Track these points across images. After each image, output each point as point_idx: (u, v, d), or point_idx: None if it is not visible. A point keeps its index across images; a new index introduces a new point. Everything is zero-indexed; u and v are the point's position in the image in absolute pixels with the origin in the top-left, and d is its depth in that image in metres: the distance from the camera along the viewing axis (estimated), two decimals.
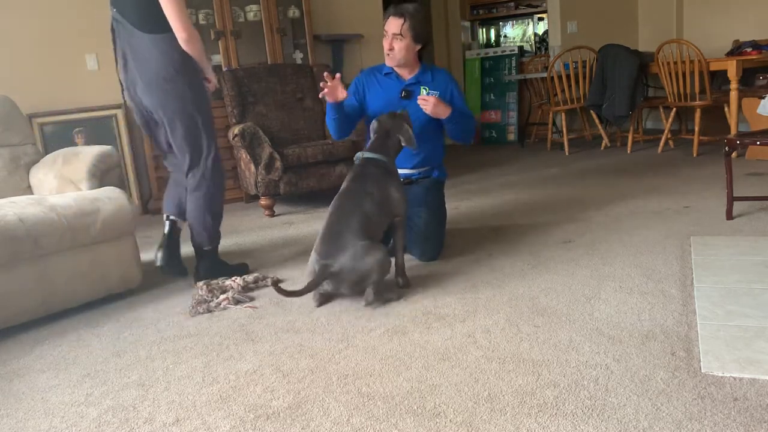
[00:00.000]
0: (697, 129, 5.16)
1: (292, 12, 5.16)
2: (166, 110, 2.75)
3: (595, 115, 6.08)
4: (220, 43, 4.85)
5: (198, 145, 2.79)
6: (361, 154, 2.68)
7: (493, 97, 7.44)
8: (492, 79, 7.47)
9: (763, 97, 3.99)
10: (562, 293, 2.41)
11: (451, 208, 3.77)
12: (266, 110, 4.64)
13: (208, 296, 2.65)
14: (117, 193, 2.80)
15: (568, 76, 5.90)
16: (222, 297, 2.63)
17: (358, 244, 2.39)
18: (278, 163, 4.16)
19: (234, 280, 2.79)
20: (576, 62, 5.93)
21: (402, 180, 2.80)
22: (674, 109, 5.33)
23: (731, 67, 4.91)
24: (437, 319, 2.26)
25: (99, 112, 4.71)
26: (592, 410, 1.60)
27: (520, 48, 8.07)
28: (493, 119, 7.43)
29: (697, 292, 2.28)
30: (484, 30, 9.36)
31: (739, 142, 3.24)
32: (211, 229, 2.90)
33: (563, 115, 5.98)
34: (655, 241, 2.95)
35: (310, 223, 4.00)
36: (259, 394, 1.84)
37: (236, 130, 4.22)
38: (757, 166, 4.44)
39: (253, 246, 3.56)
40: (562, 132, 6.01)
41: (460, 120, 2.95)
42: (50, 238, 2.51)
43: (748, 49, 5.24)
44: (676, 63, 5.12)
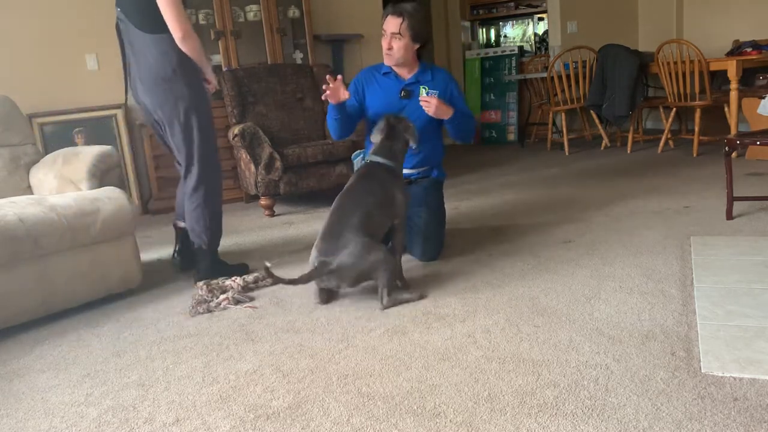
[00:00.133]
0: (697, 129, 5.16)
1: (292, 12, 5.16)
2: (164, 110, 2.76)
3: (595, 115, 6.08)
4: (220, 43, 4.85)
5: (196, 146, 2.79)
6: (360, 153, 2.67)
7: (493, 97, 7.44)
8: (492, 79, 7.47)
9: (763, 97, 3.99)
10: (562, 293, 2.41)
11: (451, 208, 3.77)
12: (266, 110, 4.64)
13: (208, 296, 2.65)
14: (117, 193, 2.80)
15: (568, 76, 5.90)
16: (222, 297, 2.63)
17: (357, 241, 2.38)
18: (278, 163, 4.16)
19: (234, 280, 2.79)
20: (576, 62, 5.93)
21: None
22: (674, 109, 5.33)
23: (731, 67, 4.90)
24: (437, 319, 2.26)
25: (99, 112, 4.71)
26: (592, 410, 1.60)
27: (520, 48, 8.07)
28: (493, 119, 7.43)
29: (697, 292, 2.28)
30: (484, 30, 9.36)
31: (739, 142, 3.24)
32: (211, 229, 2.89)
33: (563, 115, 5.97)
34: (655, 241, 2.95)
35: (310, 223, 4.00)
36: (259, 394, 1.84)
37: (236, 130, 4.22)
38: (757, 166, 4.44)
39: (253, 246, 3.56)
40: (562, 132, 6.01)
41: (460, 120, 2.95)
42: (50, 238, 2.51)
43: (748, 49, 5.24)
44: (676, 63, 5.12)
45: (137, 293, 2.85)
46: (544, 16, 8.29)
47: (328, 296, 2.51)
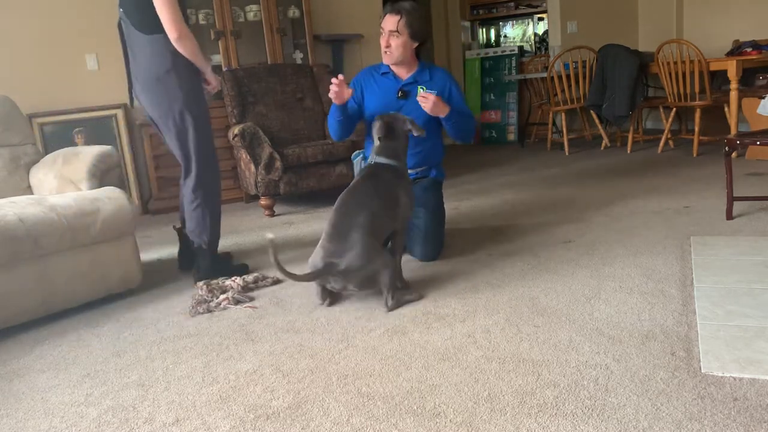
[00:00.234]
0: (697, 129, 5.16)
1: (292, 12, 5.16)
2: (159, 110, 2.78)
3: (595, 115, 6.08)
4: (220, 43, 4.85)
5: (192, 147, 2.80)
6: (360, 153, 2.66)
7: (493, 97, 7.44)
8: (492, 79, 7.47)
9: (763, 97, 3.99)
10: (562, 293, 2.41)
11: (451, 208, 3.77)
12: (266, 110, 4.64)
13: (208, 296, 2.65)
14: (117, 193, 2.80)
15: (568, 76, 5.90)
16: (222, 297, 2.63)
17: (364, 243, 2.37)
18: (278, 163, 4.16)
19: (234, 280, 2.79)
20: (576, 62, 5.93)
21: None
22: (674, 109, 5.33)
23: (731, 67, 4.90)
24: (437, 319, 2.26)
25: (99, 112, 4.71)
26: (592, 410, 1.60)
27: (520, 48, 8.07)
28: (493, 119, 7.43)
29: (697, 292, 2.28)
30: (484, 30, 9.36)
31: (739, 142, 3.24)
32: (210, 229, 2.90)
33: (563, 115, 5.97)
34: (655, 241, 2.95)
35: (310, 223, 4.00)
36: (259, 394, 1.84)
37: (236, 130, 4.22)
38: (757, 166, 4.44)
39: (253, 246, 3.56)
40: (562, 132, 6.01)
41: (457, 119, 2.94)
42: (50, 238, 2.51)
43: (748, 49, 5.24)
44: (676, 63, 5.12)
45: (137, 293, 2.85)
46: (544, 16, 8.29)
47: (330, 296, 2.50)
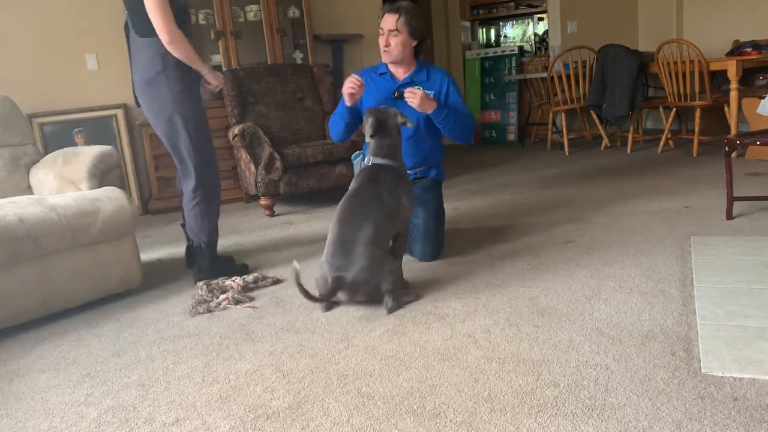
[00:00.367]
0: (697, 129, 5.16)
1: (292, 12, 5.16)
2: (150, 111, 2.82)
3: (595, 115, 6.07)
4: (220, 43, 4.85)
5: (185, 148, 2.81)
6: (360, 153, 2.66)
7: (493, 97, 7.44)
8: (492, 79, 7.47)
9: (763, 97, 3.99)
10: (562, 293, 2.41)
11: (451, 208, 3.77)
12: (266, 110, 4.64)
13: (208, 296, 2.65)
14: (117, 193, 2.80)
15: (568, 76, 5.90)
16: (222, 297, 2.63)
17: (370, 255, 2.35)
18: (278, 163, 4.16)
19: (234, 280, 2.79)
20: (576, 62, 5.93)
21: None
22: (674, 109, 5.33)
23: (731, 67, 4.90)
24: (437, 319, 2.26)
25: (99, 112, 4.71)
26: (592, 410, 1.60)
27: (520, 48, 8.07)
28: (493, 119, 7.43)
29: (697, 292, 2.28)
30: (484, 30, 9.36)
31: (739, 142, 3.24)
32: (208, 228, 2.91)
33: (563, 115, 5.97)
34: (655, 241, 2.95)
35: (310, 223, 4.00)
36: (259, 394, 1.84)
37: (236, 130, 4.22)
38: (757, 166, 4.44)
39: (253, 246, 3.56)
40: (562, 132, 6.01)
41: (450, 118, 2.90)
42: (50, 238, 2.51)
43: (748, 49, 5.24)
44: (676, 63, 5.12)
45: (137, 293, 2.85)
46: (544, 16, 8.30)
47: (333, 304, 2.48)
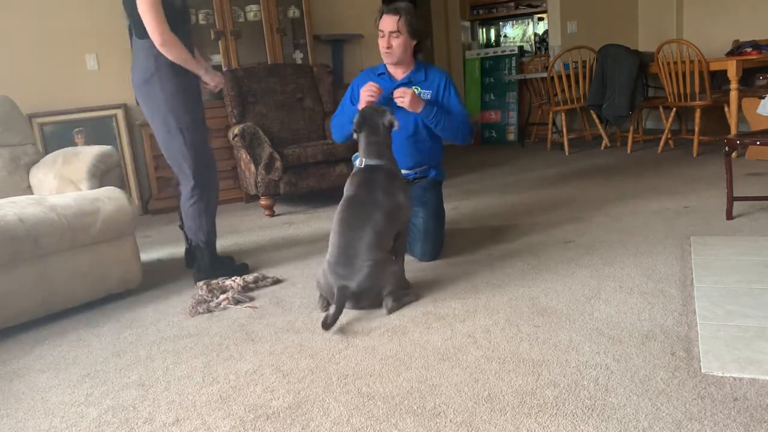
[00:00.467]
0: (697, 129, 5.16)
1: (292, 12, 5.16)
2: (146, 111, 2.85)
3: (595, 115, 6.07)
4: (220, 43, 4.85)
5: (180, 149, 2.82)
6: (358, 155, 2.64)
7: (493, 97, 7.44)
8: (492, 79, 7.47)
9: (763, 97, 3.99)
10: (562, 293, 2.41)
11: (451, 208, 3.77)
12: (266, 110, 4.64)
13: (208, 296, 2.66)
14: (117, 193, 2.80)
15: (568, 76, 5.90)
16: (222, 297, 2.63)
17: (373, 260, 2.35)
18: (278, 163, 4.16)
19: (234, 280, 2.79)
20: (576, 62, 5.93)
21: None
22: (674, 109, 5.33)
23: (731, 67, 4.90)
24: (437, 319, 2.26)
25: (99, 112, 4.71)
26: (592, 410, 1.60)
27: (520, 48, 8.07)
28: (493, 119, 7.43)
29: (697, 292, 2.28)
30: (484, 30, 9.36)
31: (739, 142, 3.24)
32: (206, 227, 2.92)
33: (563, 115, 5.97)
34: (655, 241, 2.95)
35: (310, 223, 4.00)
36: (259, 394, 1.84)
37: (236, 130, 4.22)
38: (757, 166, 4.44)
39: (253, 246, 3.55)
40: (562, 132, 6.01)
41: (442, 118, 2.89)
42: (50, 238, 2.51)
43: (748, 49, 5.24)
44: (676, 63, 5.12)
45: (137, 293, 2.85)
46: (544, 16, 8.29)
47: (329, 304, 2.48)
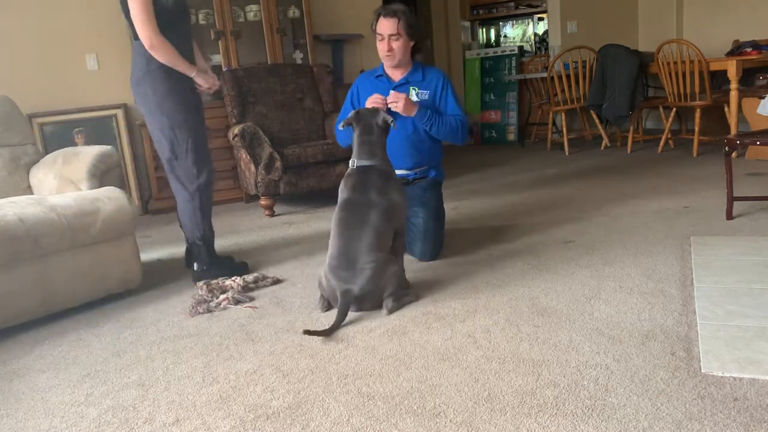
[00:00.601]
0: (697, 129, 5.16)
1: (292, 12, 5.16)
2: (142, 110, 2.87)
3: (595, 115, 6.07)
4: (220, 43, 4.85)
5: (170, 148, 2.83)
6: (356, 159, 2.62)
7: (493, 97, 7.44)
8: (492, 79, 7.47)
9: (763, 97, 4.00)
10: (562, 293, 2.41)
11: (451, 208, 3.77)
12: (266, 110, 4.64)
13: (208, 296, 2.66)
14: (117, 193, 2.80)
15: (568, 76, 5.90)
16: (222, 297, 2.63)
17: (375, 264, 2.35)
18: (278, 163, 4.16)
19: (234, 280, 2.79)
20: (576, 62, 5.93)
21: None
22: (674, 109, 5.33)
23: (731, 67, 4.90)
24: (437, 319, 2.26)
25: (99, 112, 4.71)
26: (592, 410, 1.60)
27: (520, 48, 8.07)
28: (493, 119, 7.43)
29: (697, 292, 2.28)
30: (484, 30, 9.36)
31: (739, 142, 3.24)
32: (201, 224, 2.92)
33: (563, 115, 5.97)
34: (655, 241, 2.95)
35: (310, 223, 4.00)
36: (259, 394, 1.84)
37: (236, 130, 4.22)
38: (757, 166, 4.44)
39: (253, 246, 3.56)
40: (562, 132, 6.01)
41: (436, 120, 2.89)
42: (50, 238, 2.51)
43: (748, 49, 5.24)
44: (676, 63, 5.12)
45: (137, 293, 2.85)
46: (544, 16, 8.29)
47: (329, 305, 2.48)
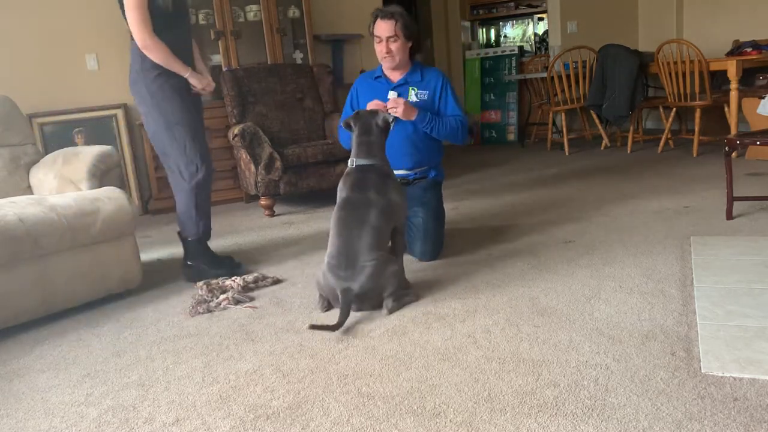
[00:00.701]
0: (697, 129, 5.15)
1: (292, 12, 5.16)
2: (139, 109, 2.89)
3: (595, 115, 6.07)
4: (220, 43, 4.85)
5: (166, 146, 2.84)
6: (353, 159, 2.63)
7: (493, 97, 7.44)
8: (492, 79, 7.47)
9: (763, 97, 3.99)
10: (562, 293, 2.41)
11: (451, 208, 3.77)
12: (266, 110, 4.64)
13: (208, 296, 2.66)
14: (117, 193, 2.80)
15: (568, 76, 5.90)
16: (222, 297, 2.63)
17: (375, 262, 2.35)
18: (278, 163, 4.16)
19: (234, 280, 2.79)
20: (576, 62, 5.93)
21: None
22: (674, 109, 5.33)
23: (731, 67, 4.90)
24: (437, 319, 2.26)
25: (99, 112, 4.71)
26: (592, 410, 1.60)
27: (520, 48, 8.07)
28: (493, 119, 7.43)
29: (697, 292, 2.28)
30: (484, 30, 9.36)
31: (739, 142, 3.24)
32: (196, 221, 2.93)
33: (563, 115, 5.97)
34: (655, 241, 2.95)
35: (310, 223, 4.00)
36: (259, 394, 1.84)
37: (236, 130, 4.22)
38: (757, 166, 4.44)
39: (253, 246, 3.56)
40: (562, 132, 6.01)
41: (435, 123, 2.89)
42: (50, 238, 2.51)
43: (748, 49, 5.23)
44: (676, 63, 5.12)
45: (137, 293, 2.85)
46: (544, 16, 8.29)
47: (329, 304, 2.48)
